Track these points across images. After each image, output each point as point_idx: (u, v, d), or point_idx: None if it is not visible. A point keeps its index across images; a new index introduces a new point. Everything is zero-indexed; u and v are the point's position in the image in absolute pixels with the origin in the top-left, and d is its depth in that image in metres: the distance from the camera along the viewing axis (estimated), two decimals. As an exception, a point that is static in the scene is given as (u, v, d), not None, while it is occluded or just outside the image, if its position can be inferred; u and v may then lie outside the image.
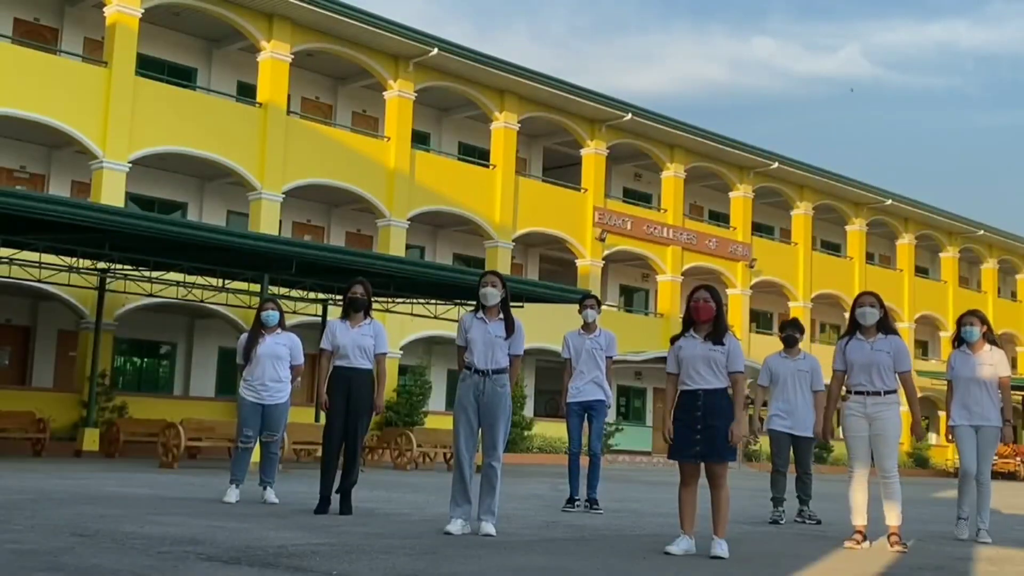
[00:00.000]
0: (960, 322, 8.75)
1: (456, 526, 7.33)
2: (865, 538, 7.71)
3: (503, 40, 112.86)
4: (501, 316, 7.56)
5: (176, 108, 24.24)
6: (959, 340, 8.75)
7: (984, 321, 8.67)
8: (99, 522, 7.21)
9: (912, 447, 40.51)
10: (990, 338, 8.68)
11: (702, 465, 6.75)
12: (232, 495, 9.54)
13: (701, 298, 6.80)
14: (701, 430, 6.61)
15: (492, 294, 7.53)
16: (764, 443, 34.95)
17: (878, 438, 7.68)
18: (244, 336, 10.11)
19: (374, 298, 9.30)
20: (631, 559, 6.47)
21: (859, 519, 7.74)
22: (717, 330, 6.76)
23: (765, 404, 10.32)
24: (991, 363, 8.55)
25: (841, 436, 7.95)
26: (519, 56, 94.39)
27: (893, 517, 7.64)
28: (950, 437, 8.70)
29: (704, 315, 6.76)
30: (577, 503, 10.25)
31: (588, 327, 10.33)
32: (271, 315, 9.92)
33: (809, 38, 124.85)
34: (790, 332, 10.15)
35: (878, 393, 7.69)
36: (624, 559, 6.44)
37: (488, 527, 7.35)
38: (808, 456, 10.20)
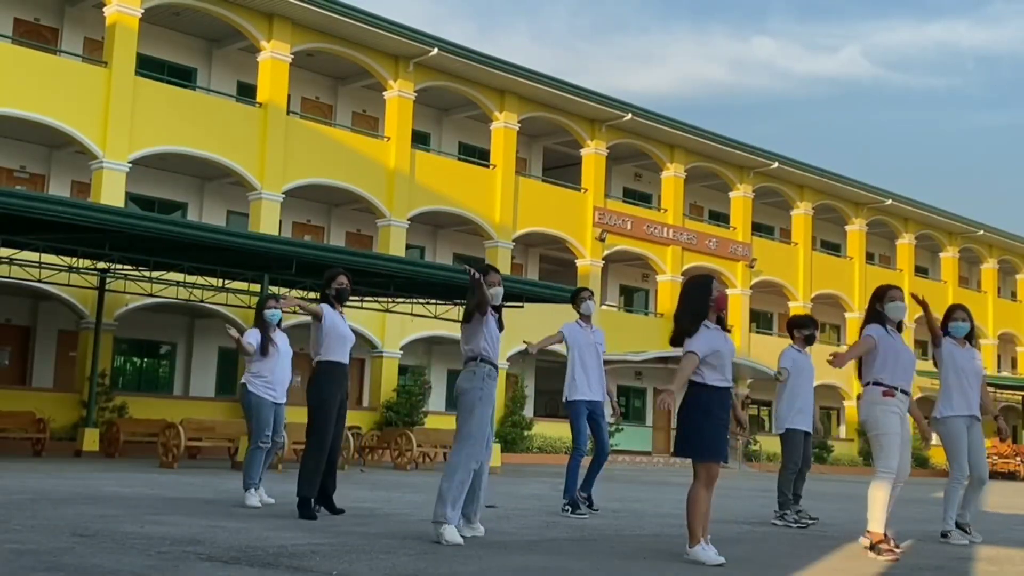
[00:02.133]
0: (950, 316, 8.58)
1: (454, 534, 6.81)
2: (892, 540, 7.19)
3: (504, 40, 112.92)
4: (495, 313, 7.35)
5: (176, 108, 24.25)
6: (945, 333, 8.55)
7: (969, 317, 8.65)
8: (99, 522, 7.21)
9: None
10: (969, 335, 8.70)
11: None
12: (254, 499, 9.32)
13: (719, 289, 6.45)
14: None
15: (500, 293, 7.34)
16: (765, 443, 34.96)
17: (905, 440, 7.36)
18: (255, 331, 9.78)
19: (376, 298, 9.25)
20: (631, 559, 6.47)
21: (884, 527, 7.12)
22: (723, 321, 6.46)
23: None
24: (978, 359, 8.59)
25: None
26: (519, 56, 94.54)
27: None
28: (941, 428, 8.33)
29: (727, 305, 6.45)
30: (584, 503, 9.89)
31: (586, 320, 10.19)
32: (275, 313, 9.77)
33: (809, 38, 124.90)
34: (813, 330, 10.10)
35: (909, 394, 7.48)
36: (624, 559, 6.44)
37: (479, 528, 7.31)
38: (811, 452, 10.27)
